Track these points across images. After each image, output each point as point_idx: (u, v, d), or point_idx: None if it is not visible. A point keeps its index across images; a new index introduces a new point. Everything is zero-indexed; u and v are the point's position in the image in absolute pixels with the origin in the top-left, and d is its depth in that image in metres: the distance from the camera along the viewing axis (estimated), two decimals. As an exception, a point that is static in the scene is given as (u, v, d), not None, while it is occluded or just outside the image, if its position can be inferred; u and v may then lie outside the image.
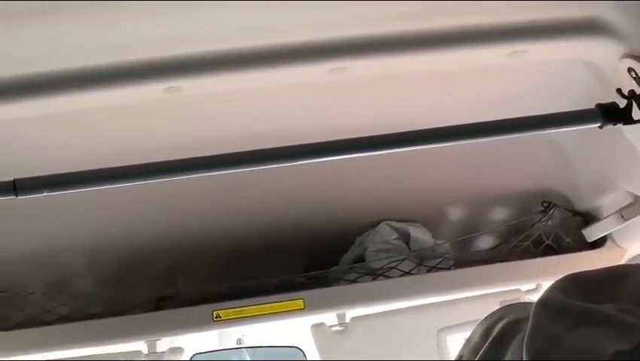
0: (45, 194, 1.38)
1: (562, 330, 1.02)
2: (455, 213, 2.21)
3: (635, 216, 1.97)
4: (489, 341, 1.13)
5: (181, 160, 1.44)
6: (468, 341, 1.22)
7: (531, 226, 2.23)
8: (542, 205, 2.22)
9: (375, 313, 2.35)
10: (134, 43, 1.32)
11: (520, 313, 1.14)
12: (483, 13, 1.48)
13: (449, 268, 2.19)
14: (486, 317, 1.22)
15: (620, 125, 1.48)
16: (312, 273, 2.17)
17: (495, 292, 2.22)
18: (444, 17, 1.48)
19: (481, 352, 1.13)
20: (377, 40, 1.43)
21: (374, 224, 2.22)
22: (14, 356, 2.09)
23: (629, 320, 1.01)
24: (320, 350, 2.42)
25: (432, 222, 2.23)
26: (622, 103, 1.50)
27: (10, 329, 2.07)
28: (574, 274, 1.14)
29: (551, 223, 2.21)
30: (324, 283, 2.18)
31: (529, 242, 2.22)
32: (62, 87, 1.36)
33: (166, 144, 1.69)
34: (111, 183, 1.45)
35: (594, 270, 1.15)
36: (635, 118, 1.48)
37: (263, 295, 2.06)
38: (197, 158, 1.45)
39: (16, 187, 1.34)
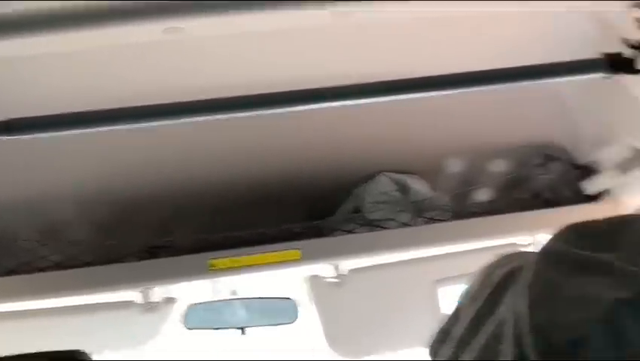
0: (38, 135, 1.35)
1: (562, 278, 1.01)
2: (454, 165, 2.19)
3: (635, 169, 1.95)
4: (487, 289, 1.12)
5: (176, 103, 1.42)
6: (467, 289, 1.21)
7: (531, 178, 2.22)
8: (542, 158, 2.21)
9: (371, 266, 2.35)
10: None
11: (520, 261, 1.12)
12: None
13: (447, 220, 2.18)
14: (485, 266, 1.21)
15: (622, 76, 1.46)
16: (309, 223, 2.15)
17: (491, 246, 2.22)
18: None
19: (479, 300, 1.12)
20: None
21: (372, 175, 2.20)
22: (6, 302, 2.09)
23: (629, 269, 0.99)
24: (316, 302, 2.43)
25: (431, 174, 2.21)
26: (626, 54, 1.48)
27: (2, 275, 2.07)
28: (575, 223, 1.12)
29: (551, 176, 2.20)
30: (321, 234, 2.16)
31: (528, 195, 2.21)
32: (59, 25, 1.32)
33: (161, 88, 1.66)
34: (106, 125, 1.42)
35: (595, 220, 1.13)
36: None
37: (260, 246, 2.05)
38: (193, 101, 1.42)
39: (9, 127, 1.31)
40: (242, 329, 2.70)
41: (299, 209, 2.22)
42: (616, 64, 1.45)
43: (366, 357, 2.50)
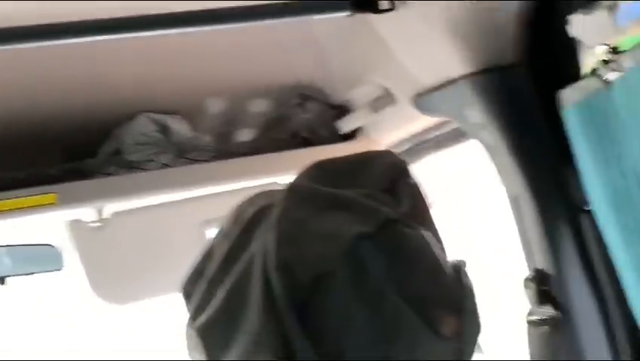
0: None
1: (307, 214, 1.04)
2: (215, 105, 2.18)
3: (385, 108, 2.04)
4: (238, 227, 1.14)
5: None
6: (220, 230, 1.22)
7: (289, 118, 2.26)
8: (299, 98, 2.25)
9: (135, 209, 2.31)
10: None
11: (270, 199, 1.15)
12: None
13: (209, 161, 2.18)
14: (237, 205, 1.23)
15: (369, 16, 1.50)
16: (66, 165, 2.07)
17: (255, 186, 2.24)
18: None
19: (231, 238, 1.14)
20: None
21: (132, 115, 2.15)
22: None
23: (371, 204, 1.04)
24: (78, 247, 2.35)
25: (192, 114, 2.19)
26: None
27: None
28: (320, 161, 1.16)
29: (308, 116, 2.26)
30: (81, 176, 2.09)
31: (287, 135, 2.25)
32: None
33: None
34: None
35: (341, 157, 1.18)
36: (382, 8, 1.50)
37: (11, 190, 1.94)
38: None
39: None
40: (2, 278, 2.57)
41: (57, 151, 2.12)
42: (359, 3, 1.48)
43: (132, 302, 2.47)
